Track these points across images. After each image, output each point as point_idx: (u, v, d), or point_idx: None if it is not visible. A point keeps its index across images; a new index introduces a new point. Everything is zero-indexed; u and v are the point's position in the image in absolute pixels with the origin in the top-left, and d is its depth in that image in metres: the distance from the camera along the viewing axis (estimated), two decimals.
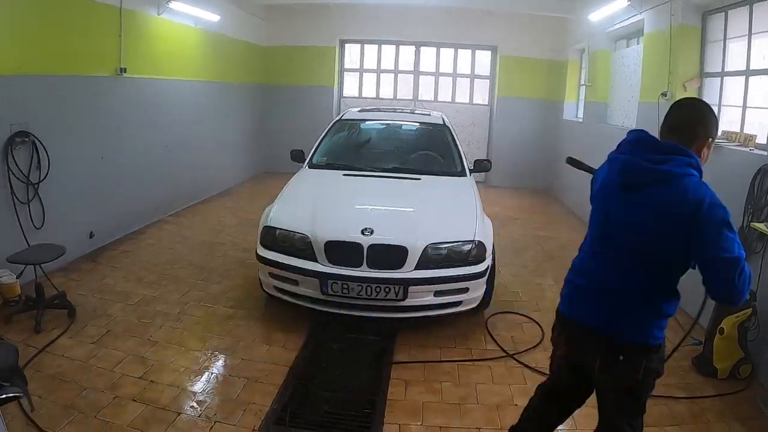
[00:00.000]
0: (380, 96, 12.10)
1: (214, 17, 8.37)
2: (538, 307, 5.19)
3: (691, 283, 2.27)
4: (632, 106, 7.24)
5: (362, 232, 4.23)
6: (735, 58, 5.30)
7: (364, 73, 12.21)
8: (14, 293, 4.54)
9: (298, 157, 5.97)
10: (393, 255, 4.18)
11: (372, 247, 4.17)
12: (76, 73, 5.71)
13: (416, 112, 7.15)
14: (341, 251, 4.21)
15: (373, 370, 3.91)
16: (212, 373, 3.80)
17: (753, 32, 4.91)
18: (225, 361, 3.98)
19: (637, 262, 2.17)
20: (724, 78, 5.45)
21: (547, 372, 2.73)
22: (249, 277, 5.49)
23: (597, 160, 2.25)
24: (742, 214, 4.17)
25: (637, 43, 7.51)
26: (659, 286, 2.19)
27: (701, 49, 5.74)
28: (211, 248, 6.51)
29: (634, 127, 6.89)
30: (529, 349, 4.34)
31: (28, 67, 5.04)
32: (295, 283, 4.33)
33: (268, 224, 4.54)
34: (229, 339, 4.30)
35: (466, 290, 4.31)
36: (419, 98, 11.93)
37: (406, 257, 4.17)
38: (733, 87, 5.33)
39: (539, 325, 4.72)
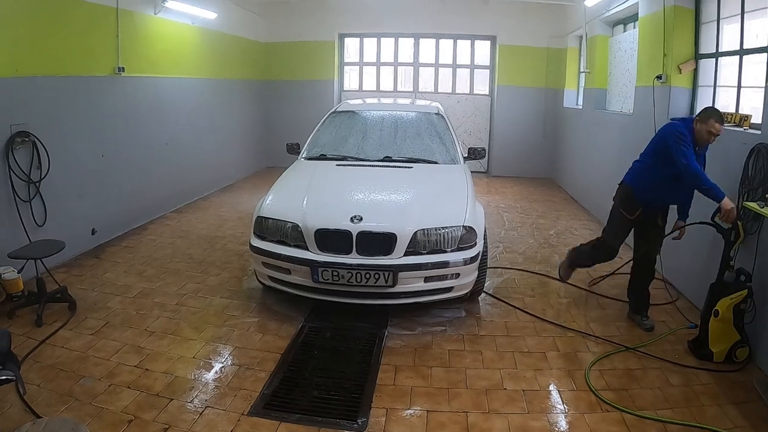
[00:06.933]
0: (381, 89, 12.12)
1: (211, 15, 8.42)
2: (534, 293, 5.20)
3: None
4: (630, 91, 7.18)
5: (351, 220, 4.25)
6: (729, 38, 5.23)
7: (364, 67, 12.22)
8: (17, 288, 4.60)
9: (293, 149, 6.05)
10: (382, 242, 4.19)
11: (361, 234, 4.19)
12: (74, 74, 5.79)
13: (412, 102, 7.14)
14: (331, 239, 4.24)
15: (363, 356, 3.94)
16: (205, 361, 3.85)
17: (746, 11, 4.85)
18: (218, 350, 4.03)
19: None
20: (719, 58, 5.38)
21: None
22: (246, 269, 5.57)
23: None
24: (737, 195, 4.13)
25: (634, 28, 7.44)
26: None
27: (695, 31, 5.67)
28: (211, 242, 6.58)
29: (631, 112, 6.87)
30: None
31: (27, 69, 5.12)
32: (288, 271, 4.37)
33: (261, 214, 4.59)
34: (224, 328, 4.36)
35: (456, 276, 4.31)
36: (419, 90, 11.92)
37: (395, 244, 4.18)
38: (728, 68, 5.27)
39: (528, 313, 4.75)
